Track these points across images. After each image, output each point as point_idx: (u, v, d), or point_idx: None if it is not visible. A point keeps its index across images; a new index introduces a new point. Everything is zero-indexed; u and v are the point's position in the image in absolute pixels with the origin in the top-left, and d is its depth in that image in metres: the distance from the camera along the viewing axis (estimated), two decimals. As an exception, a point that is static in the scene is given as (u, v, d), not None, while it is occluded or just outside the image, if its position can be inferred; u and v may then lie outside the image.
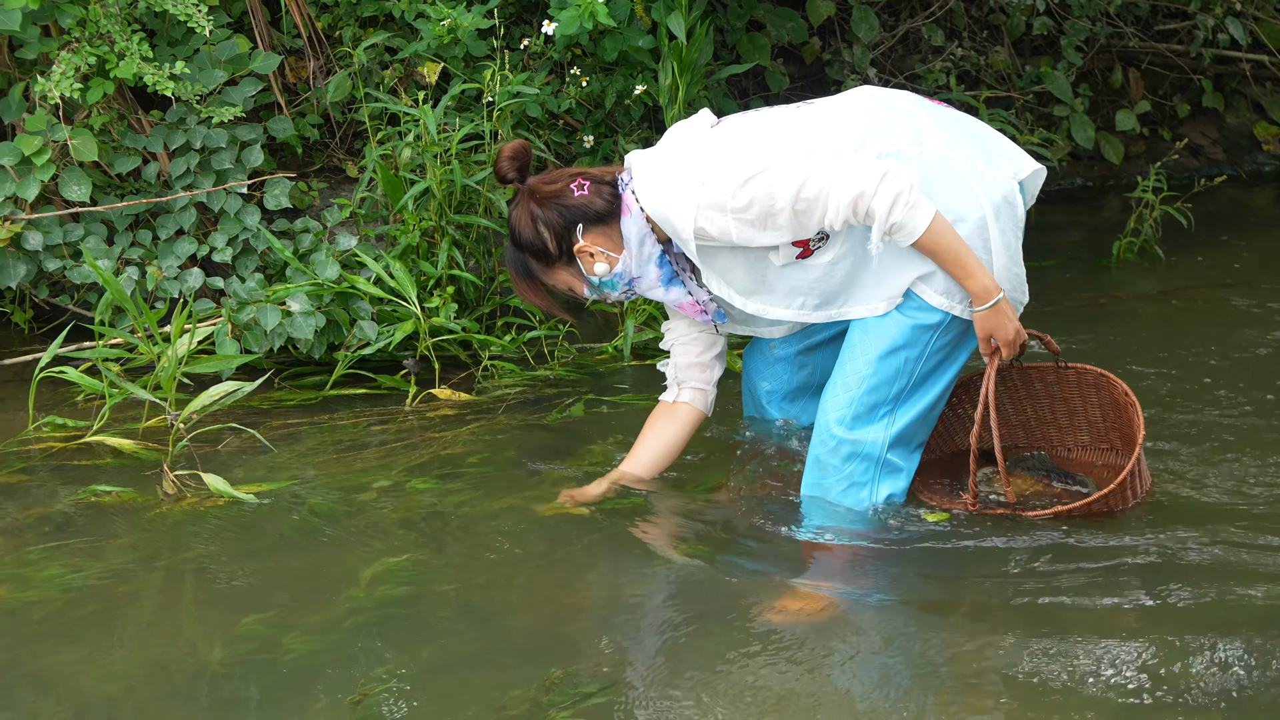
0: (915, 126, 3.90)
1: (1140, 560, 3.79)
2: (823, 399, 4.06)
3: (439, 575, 3.87)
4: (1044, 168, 4.05)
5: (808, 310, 3.98)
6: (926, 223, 3.72)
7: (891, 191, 3.67)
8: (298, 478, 4.43)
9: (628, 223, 3.95)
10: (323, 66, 6.10)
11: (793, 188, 3.71)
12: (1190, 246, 6.94)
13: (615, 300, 4.13)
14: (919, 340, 3.94)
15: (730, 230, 3.78)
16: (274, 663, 3.45)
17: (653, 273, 4.03)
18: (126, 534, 4.09)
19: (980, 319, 3.88)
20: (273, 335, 5.08)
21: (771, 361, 4.42)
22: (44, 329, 5.60)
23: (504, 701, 3.26)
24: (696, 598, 3.78)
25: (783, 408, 4.47)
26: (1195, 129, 8.87)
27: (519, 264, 4.06)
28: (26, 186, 5.23)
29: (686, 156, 3.87)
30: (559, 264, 4.01)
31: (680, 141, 3.96)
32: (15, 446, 4.66)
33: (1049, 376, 4.27)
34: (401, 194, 5.46)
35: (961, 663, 3.40)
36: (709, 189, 3.77)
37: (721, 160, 3.80)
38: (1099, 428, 4.27)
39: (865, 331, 3.98)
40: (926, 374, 3.99)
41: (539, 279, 4.07)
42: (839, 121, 3.88)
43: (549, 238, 3.96)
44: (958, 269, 3.79)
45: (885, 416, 4.00)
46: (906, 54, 7.98)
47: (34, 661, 3.47)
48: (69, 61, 5.16)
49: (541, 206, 3.96)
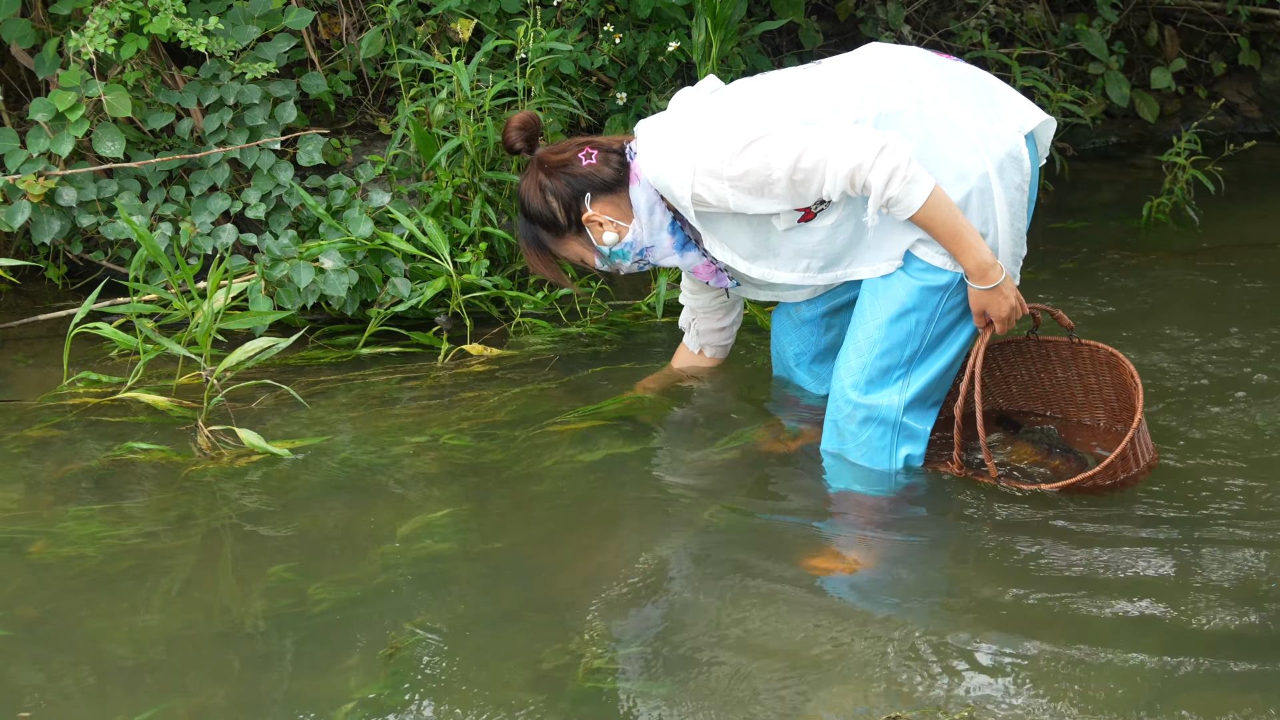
0: (918, 84, 3.89)
1: (1151, 528, 3.80)
2: (837, 364, 4.08)
3: (473, 531, 3.88)
4: (1052, 118, 4.04)
5: (812, 273, 3.99)
6: (923, 198, 3.71)
7: (889, 165, 3.67)
8: (332, 434, 4.44)
9: (636, 191, 3.95)
10: (356, 23, 6.09)
11: (790, 158, 3.71)
12: (1225, 206, 6.89)
13: (627, 271, 4.15)
14: (928, 302, 3.94)
15: (727, 197, 3.79)
16: (307, 616, 3.47)
17: (665, 240, 4.04)
18: (161, 490, 4.11)
19: (975, 294, 3.88)
20: (306, 292, 5.08)
21: (798, 324, 4.42)
22: (78, 285, 5.61)
23: (540, 655, 3.28)
24: (727, 553, 3.79)
25: (812, 370, 4.47)
26: (1231, 87, 8.80)
27: (530, 235, 4.10)
28: (60, 142, 5.24)
29: (686, 123, 3.88)
30: (569, 234, 4.04)
31: (683, 109, 3.97)
32: (50, 402, 4.68)
33: (1064, 352, 4.26)
34: (434, 151, 5.45)
35: (980, 621, 3.41)
36: (705, 156, 3.78)
37: (719, 126, 3.81)
38: (1113, 406, 4.25)
39: (875, 295, 3.98)
40: (939, 335, 3.99)
41: (549, 250, 4.11)
42: (841, 82, 3.88)
43: (557, 208, 3.99)
44: (954, 244, 3.79)
45: (899, 380, 4.00)
46: (941, 11, 7.92)
47: (69, 616, 3.49)
48: (103, 17, 5.15)
49: (549, 176, 3.98)
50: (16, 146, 5.28)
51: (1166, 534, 3.75)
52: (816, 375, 4.47)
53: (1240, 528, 3.78)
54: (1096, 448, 4.22)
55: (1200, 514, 3.86)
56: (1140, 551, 3.68)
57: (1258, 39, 8.77)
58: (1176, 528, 3.78)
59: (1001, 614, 3.44)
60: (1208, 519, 3.84)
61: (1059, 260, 6.14)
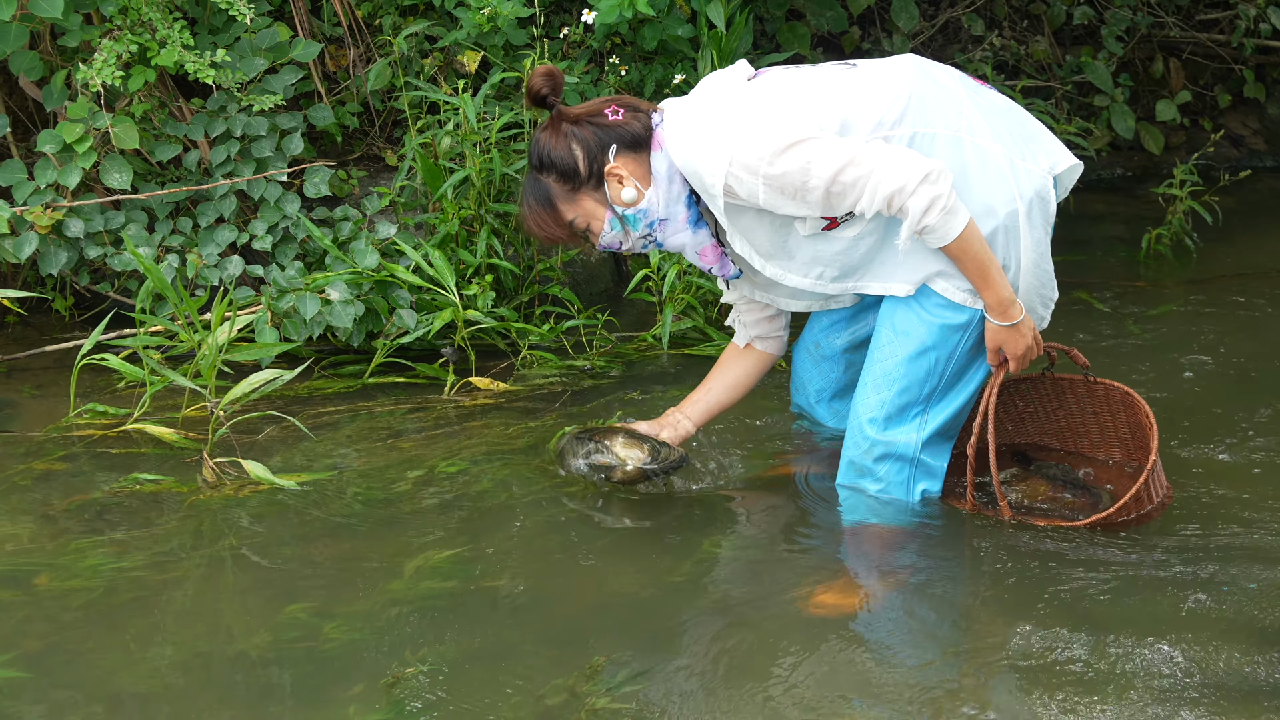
0: (957, 110, 3.85)
1: (1172, 562, 3.77)
2: (855, 400, 4.05)
3: (477, 564, 3.88)
4: (1081, 163, 4.00)
5: (825, 281, 3.95)
6: (959, 231, 3.69)
7: (930, 194, 3.64)
8: (337, 466, 4.44)
9: (658, 157, 3.84)
10: (363, 55, 6.12)
11: (832, 168, 3.65)
12: (1225, 238, 6.89)
13: (632, 245, 3.97)
14: (948, 341, 3.93)
15: (759, 194, 3.72)
16: (311, 647, 3.47)
17: (681, 214, 3.90)
18: (166, 522, 4.11)
19: (993, 330, 3.86)
20: (312, 323, 5.10)
21: (818, 360, 4.41)
22: (84, 316, 5.63)
23: (542, 690, 3.27)
24: (734, 588, 3.79)
25: (831, 406, 4.45)
26: (1236, 119, 8.81)
27: (540, 192, 3.88)
28: (68, 174, 5.25)
29: (722, 110, 3.78)
30: (585, 189, 3.86)
31: (715, 92, 3.86)
32: (56, 433, 4.68)
33: (1080, 390, 4.24)
34: (441, 182, 5.46)
35: (993, 658, 3.40)
36: (743, 149, 3.69)
37: (760, 121, 3.72)
38: (1128, 444, 4.23)
39: (894, 331, 3.96)
40: (958, 373, 3.98)
41: (557, 209, 3.89)
42: (880, 91, 3.82)
43: (580, 156, 3.82)
44: (979, 278, 3.77)
45: (917, 417, 3.99)
46: (946, 43, 7.95)
47: (74, 648, 3.49)
48: (111, 49, 5.17)
49: (576, 124, 3.83)
50: (24, 178, 5.30)
51: (1184, 569, 3.72)
52: (836, 412, 4.44)
53: (1260, 560, 3.77)
54: (1110, 487, 4.20)
55: (1215, 546, 3.84)
56: (1161, 587, 3.64)
57: (1263, 72, 8.80)
58: (1192, 563, 3.74)
59: (1017, 652, 3.42)
60: (1223, 551, 3.82)
61: (1062, 291, 6.14)
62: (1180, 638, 3.42)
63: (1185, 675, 3.27)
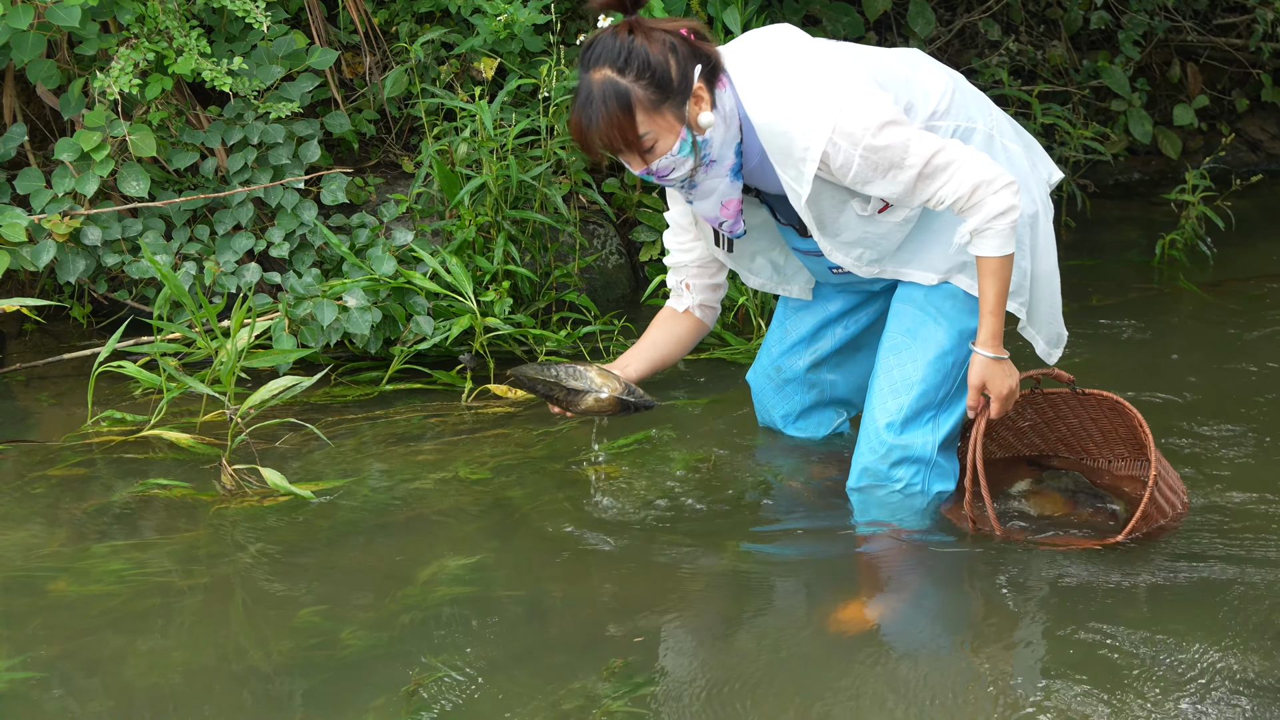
0: (988, 107, 3.91)
1: (1187, 572, 3.74)
2: (870, 405, 4.04)
3: (496, 571, 3.88)
4: (1061, 174, 4.07)
5: (861, 263, 3.93)
6: (1012, 248, 3.69)
7: (1009, 200, 3.63)
8: (355, 473, 4.44)
9: (724, 95, 3.70)
10: (379, 62, 6.12)
11: (928, 150, 3.62)
12: (1243, 241, 6.88)
13: (680, 177, 3.72)
14: (963, 344, 3.95)
15: (853, 165, 3.63)
16: (329, 655, 3.46)
17: (728, 159, 3.75)
18: (184, 529, 4.11)
19: (980, 363, 3.82)
20: (329, 330, 5.10)
21: (780, 385, 4.40)
22: (102, 324, 5.64)
23: (559, 695, 3.26)
24: (750, 595, 3.78)
25: (798, 425, 4.44)
26: (1254, 124, 8.80)
27: (621, 95, 3.57)
28: (85, 182, 5.26)
29: (812, 72, 3.69)
30: (668, 103, 3.60)
31: (789, 51, 3.76)
32: (74, 440, 4.69)
33: (1071, 400, 4.19)
34: (458, 189, 5.46)
35: (1012, 669, 3.39)
36: (848, 117, 3.60)
37: (858, 92, 3.66)
38: (1133, 444, 4.20)
39: (911, 336, 3.98)
40: (964, 377, 3.99)
41: (636, 118, 3.59)
42: (932, 81, 3.83)
43: (674, 67, 3.58)
44: (995, 300, 3.75)
45: (930, 421, 4.00)
46: (963, 49, 7.94)
47: (91, 654, 3.49)
48: (128, 58, 5.18)
49: (669, 35, 3.64)
50: (42, 186, 5.31)
51: (1207, 573, 3.70)
52: (802, 430, 4.45)
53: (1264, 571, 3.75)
54: (1127, 489, 4.18)
55: (1238, 554, 3.83)
56: (1181, 589, 3.63)
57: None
58: (1214, 569, 3.72)
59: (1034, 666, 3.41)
60: (1246, 559, 3.80)
61: (1079, 298, 6.15)
62: (1203, 646, 3.40)
63: (1213, 687, 3.26)
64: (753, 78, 3.71)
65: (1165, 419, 4.69)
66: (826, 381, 4.36)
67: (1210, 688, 3.22)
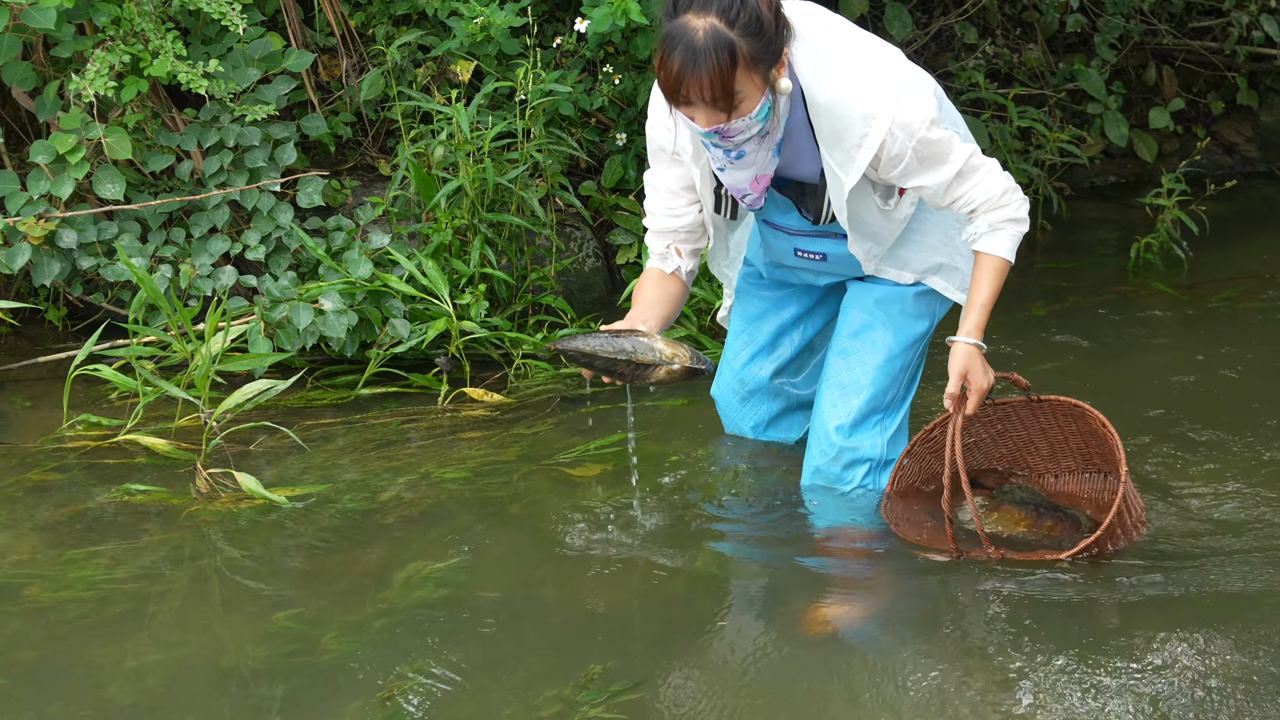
0: (957, 112, 3.99)
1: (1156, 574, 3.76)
2: (821, 409, 4.12)
3: (471, 575, 3.88)
4: None
5: (870, 259, 3.97)
6: (1013, 253, 3.77)
7: (1025, 211, 3.75)
8: (330, 477, 4.44)
9: (788, 70, 3.63)
10: (356, 64, 6.11)
11: (967, 150, 3.69)
12: (1219, 244, 6.91)
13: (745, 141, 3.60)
14: (912, 350, 4.09)
15: (905, 156, 3.63)
16: (305, 660, 3.46)
17: (778, 134, 3.68)
18: (159, 533, 4.11)
19: (965, 351, 3.80)
20: (305, 333, 5.09)
21: (746, 397, 4.40)
22: (78, 327, 5.62)
23: (536, 700, 3.26)
24: (726, 599, 3.79)
25: (768, 434, 4.45)
26: (1230, 126, 8.82)
27: (729, 46, 3.40)
28: (61, 184, 5.25)
29: (873, 58, 3.68)
30: (762, 64, 3.47)
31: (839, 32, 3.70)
32: (49, 444, 4.67)
33: (1022, 411, 4.15)
34: (434, 192, 5.46)
35: (985, 670, 3.40)
36: (906, 108, 3.60)
37: (913, 86, 3.70)
38: (1084, 453, 4.19)
39: (860, 340, 4.06)
40: (909, 380, 4.14)
41: (738, 72, 3.43)
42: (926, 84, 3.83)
43: (774, 32, 3.47)
44: (987, 296, 3.79)
45: (878, 424, 4.10)
46: (940, 51, 7.95)
47: (66, 659, 3.48)
48: (103, 60, 5.17)
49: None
50: (17, 189, 5.29)
51: (1174, 580, 3.72)
52: (773, 437, 4.47)
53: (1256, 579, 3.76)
54: (1085, 499, 4.17)
55: (1204, 560, 3.84)
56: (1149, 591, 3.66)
57: (1256, 79, 8.81)
58: (1179, 581, 3.73)
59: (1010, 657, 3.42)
60: (1214, 565, 3.82)
61: (1052, 300, 6.17)
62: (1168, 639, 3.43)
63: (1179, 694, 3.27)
64: (815, 55, 3.63)
65: (1136, 421, 4.71)
66: (791, 386, 4.38)
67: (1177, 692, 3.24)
